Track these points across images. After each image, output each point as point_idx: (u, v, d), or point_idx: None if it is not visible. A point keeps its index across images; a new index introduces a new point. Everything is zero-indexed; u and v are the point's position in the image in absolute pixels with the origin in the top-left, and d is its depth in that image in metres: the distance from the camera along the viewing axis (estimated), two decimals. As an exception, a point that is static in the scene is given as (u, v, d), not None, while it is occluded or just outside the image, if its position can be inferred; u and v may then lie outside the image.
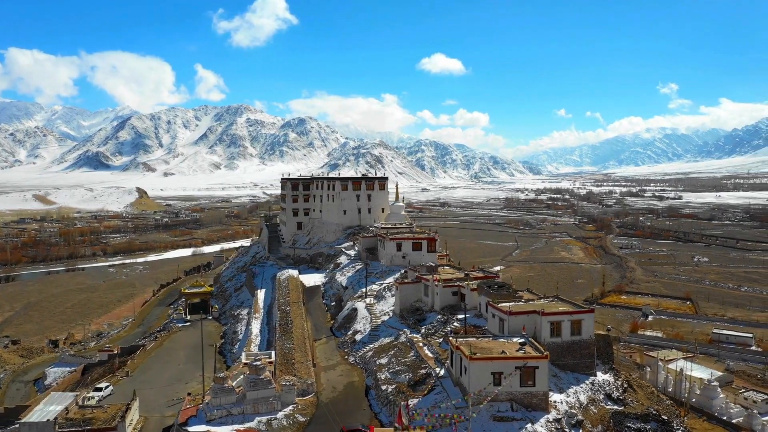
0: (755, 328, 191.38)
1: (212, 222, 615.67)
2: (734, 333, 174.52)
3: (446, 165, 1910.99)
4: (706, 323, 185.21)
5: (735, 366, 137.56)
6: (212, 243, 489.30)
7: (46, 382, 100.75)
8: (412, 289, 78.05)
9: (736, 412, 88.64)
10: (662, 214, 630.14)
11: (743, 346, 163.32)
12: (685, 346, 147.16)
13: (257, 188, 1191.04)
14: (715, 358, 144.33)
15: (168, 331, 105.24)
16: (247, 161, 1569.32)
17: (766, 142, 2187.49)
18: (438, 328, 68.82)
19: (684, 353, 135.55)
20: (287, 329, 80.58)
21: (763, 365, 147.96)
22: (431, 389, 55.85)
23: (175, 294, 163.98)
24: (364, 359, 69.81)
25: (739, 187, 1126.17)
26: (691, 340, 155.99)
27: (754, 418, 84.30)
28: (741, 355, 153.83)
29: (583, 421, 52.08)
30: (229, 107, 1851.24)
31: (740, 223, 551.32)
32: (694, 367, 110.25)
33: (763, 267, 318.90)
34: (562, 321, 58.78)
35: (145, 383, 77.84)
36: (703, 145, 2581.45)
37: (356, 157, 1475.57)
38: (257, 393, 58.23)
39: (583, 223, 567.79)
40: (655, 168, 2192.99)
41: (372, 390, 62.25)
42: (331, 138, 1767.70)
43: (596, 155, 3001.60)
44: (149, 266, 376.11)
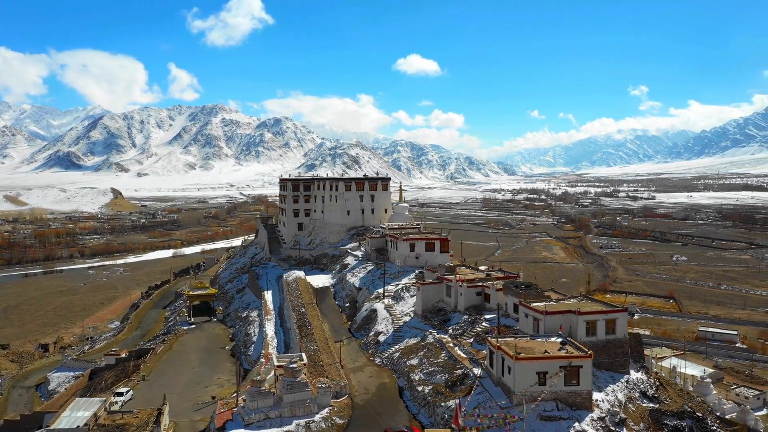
0: (738, 326, 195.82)
1: (190, 223, 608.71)
2: (720, 330, 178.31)
3: (422, 165, 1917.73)
4: (690, 321, 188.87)
5: (723, 363, 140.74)
6: (192, 244, 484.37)
7: (50, 388, 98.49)
8: (434, 290, 78.05)
9: (729, 407, 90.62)
10: (638, 214, 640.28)
11: (729, 343, 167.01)
12: (674, 344, 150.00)
13: (233, 189, 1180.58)
14: (703, 355, 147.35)
15: (175, 333, 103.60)
16: (222, 161, 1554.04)
17: (734, 143, 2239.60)
18: (466, 329, 68.89)
19: (673, 351, 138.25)
20: (307, 331, 79.93)
21: (749, 362, 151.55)
22: (471, 390, 55.85)
23: (169, 296, 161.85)
24: (392, 360, 69.58)
25: (709, 187, 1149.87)
26: (678, 338, 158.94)
27: (747, 413, 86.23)
28: (728, 352, 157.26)
29: (626, 419, 52.61)
30: (203, 107, 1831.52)
31: (714, 222, 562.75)
32: (684, 364, 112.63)
33: (739, 266, 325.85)
34: (597, 320, 59.30)
35: (163, 387, 76.49)
36: (672, 147, 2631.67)
37: (333, 157, 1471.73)
38: (294, 396, 57.61)
39: (561, 223, 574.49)
40: (627, 169, 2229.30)
41: (406, 391, 62.06)
42: (307, 138, 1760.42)
43: (569, 156, 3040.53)
44: (129, 268, 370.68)
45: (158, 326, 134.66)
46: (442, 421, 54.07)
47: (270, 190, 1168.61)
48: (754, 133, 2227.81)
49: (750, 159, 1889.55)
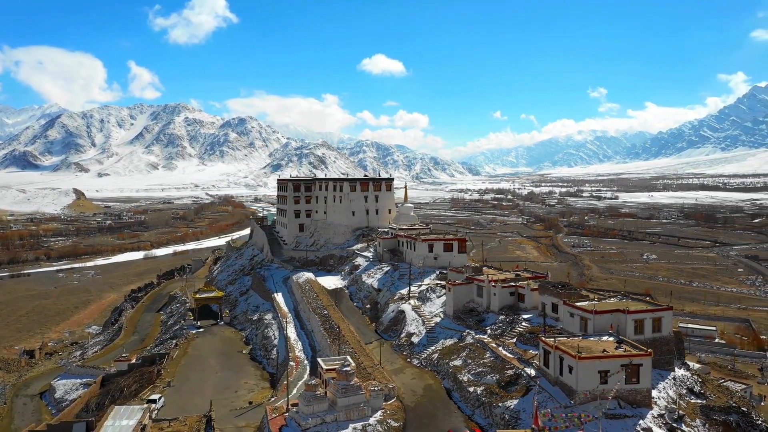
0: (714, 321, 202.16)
1: (158, 224, 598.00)
2: (699, 327, 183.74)
3: (388, 165, 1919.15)
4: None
5: (705, 358, 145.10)
6: (162, 246, 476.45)
7: (57, 396, 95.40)
8: (465, 291, 78.20)
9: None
10: (604, 213, 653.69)
11: (709, 339, 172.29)
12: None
13: (199, 189, 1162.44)
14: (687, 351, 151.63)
15: (186, 338, 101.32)
16: (186, 161, 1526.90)
17: (689, 144, 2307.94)
18: (505, 329, 69.17)
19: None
20: (336, 333, 79.16)
21: (731, 356, 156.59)
22: (527, 390, 56.15)
23: (160, 299, 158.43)
24: (431, 361, 69.45)
25: (668, 187, 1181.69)
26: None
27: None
28: (708, 348, 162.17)
29: (684, 415, 53.66)
30: (166, 106, 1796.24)
31: (677, 222, 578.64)
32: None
33: (707, 263, 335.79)
34: (645, 318, 60.31)
35: (191, 393, 74.92)
36: (631, 147, 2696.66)
37: (299, 157, 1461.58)
38: (348, 399, 56.95)
39: (530, 222, 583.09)
40: (588, 169, 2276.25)
41: (454, 392, 62.00)
42: (273, 138, 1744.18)
43: (531, 156, 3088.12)
44: (101, 270, 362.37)
45: (155, 330, 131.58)
46: (501, 421, 54.20)
47: (236, 190, 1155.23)
48: (708, 134, 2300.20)
49: (705, 160, 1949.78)
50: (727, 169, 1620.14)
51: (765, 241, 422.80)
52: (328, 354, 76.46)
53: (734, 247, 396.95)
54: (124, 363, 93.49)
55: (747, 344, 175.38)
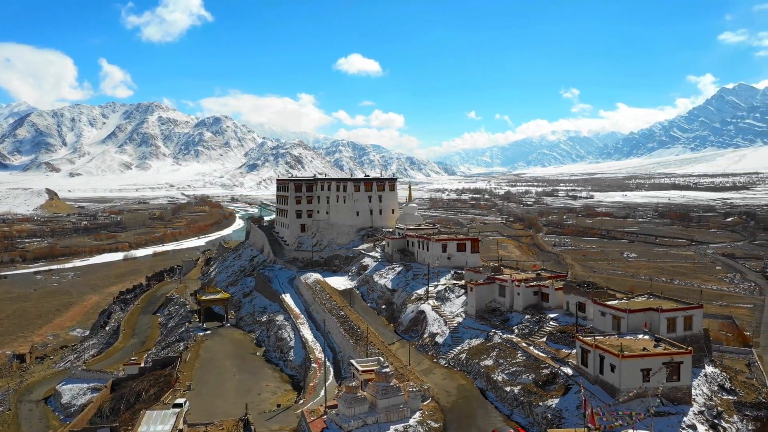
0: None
1: (135, 225, 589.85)
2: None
3: (364, 165, 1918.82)
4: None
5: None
6: (141, 247, 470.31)
7: (63, 401, 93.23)
8: (487, 290, 78.39)
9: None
10: (581, 212, 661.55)
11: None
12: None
13: (174, 189, 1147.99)
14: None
15: (195, 340, 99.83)
16: (160, 161, 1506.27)
17: (660, 145, 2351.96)
18: (532, 328, 69.52)
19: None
20: (358, 335, 78.79)
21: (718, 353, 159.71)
22: (567, 389, 56.49)
23: (155, 301, 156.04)
24: (459, 361, 69.47)
25: (641, 186, 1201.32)
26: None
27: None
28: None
29: (722, 412, 54.54)
30: (139, 105, 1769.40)
31: (652, 220, 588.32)
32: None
33: (686, 261, 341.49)
34: (677, 317, 61.18)
35: (212, 397, 73.84)
36: (603, 147, 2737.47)
37: (275, 157, 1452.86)
38: (388, 401, 56.66)
39: (510, 221, 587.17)
40: (561, 169, 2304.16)
41: (489, 392, 62.10)
42: (248, 138, 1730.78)
43: (506, 156, 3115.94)
44: (80, 272, 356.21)
45: (155, 333, 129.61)
46: (543, 420, 54.43)
47: (212, 190, 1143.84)
48: (678, 135, 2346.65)
49: (675, 159, 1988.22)
50: (697, 169, 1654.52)
51: (739, 239, 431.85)
52: (353, 355, 76.01)
53: (710, 246, 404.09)
54: (135, 367, 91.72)
55: (732, 341, 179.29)
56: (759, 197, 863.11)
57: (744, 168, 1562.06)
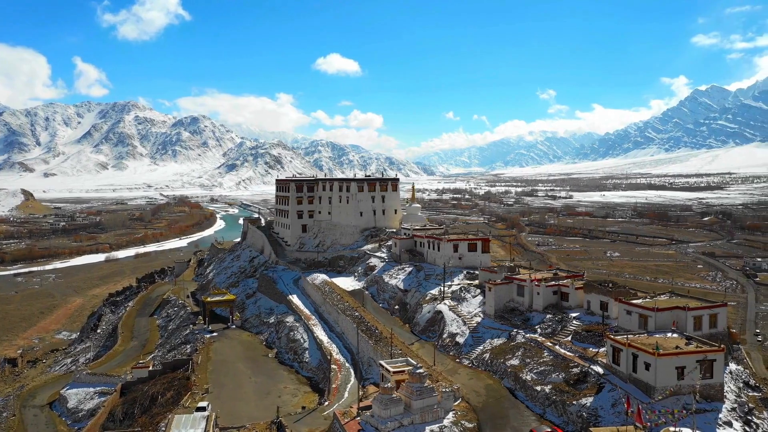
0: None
1: (115, 225, 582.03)
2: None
3: (343, 165, 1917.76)
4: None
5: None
6: (122, 248, 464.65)
7: (70, 406, 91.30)
8: (505, 290, 78.65)
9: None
10: (561, 212, 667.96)
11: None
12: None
13: (152, 189, 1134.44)
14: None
15: (203, 343, 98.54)
16: (137, 161, 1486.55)
17: (635, 145, 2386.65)
18: (555, 328, 69.90)
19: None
20: (377, 336, 78.51)
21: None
22: (600, 387, 56.89)
23: (150, 303, 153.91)
24: (483, 361, 69.60)
25: (618, 186, 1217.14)
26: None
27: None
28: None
29: (753, 408, 55.43)
30: (115, 104, 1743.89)
31: (632, 220, 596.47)
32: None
33: (668, 260, 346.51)
34: (703, 315, 62.06)
35: (233, 399, 72.97)
36: (580, 148, 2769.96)
37: (254, 157, 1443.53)
38: (423, 402, 56.50)
39: (492, 221, 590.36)
40: (539, 169, 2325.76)
41: (518, 392, 62.28)
42: (226, 138, 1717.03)
43: (484, 156, 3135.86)
44: (62, 274, 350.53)
45: (154, 335, 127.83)
46: (579, 419, 54.73)
47: (190, 190, 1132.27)
48: (653, 135, 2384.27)
49: (650, 160, 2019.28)
50: (672, 169, 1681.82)
51: (717, 238, 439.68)
52: (374, 356, 75.72)
53: (690, 245, 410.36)
54: (144, 370, 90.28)
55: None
56: (733, 197, 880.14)
57: (717, 168, 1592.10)
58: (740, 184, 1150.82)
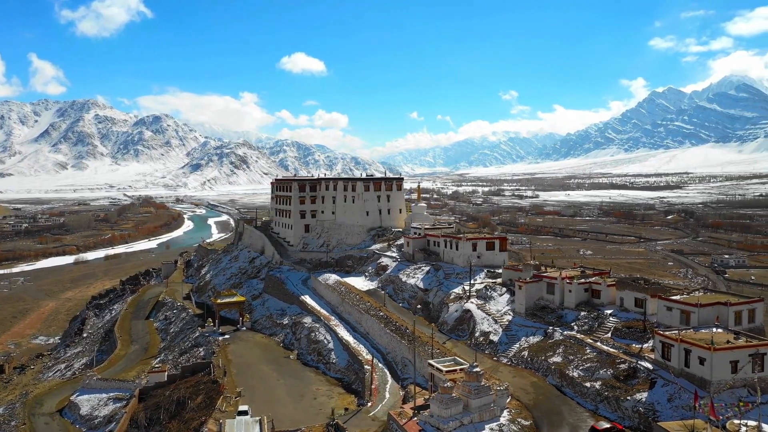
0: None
1: (80, 227, 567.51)
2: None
3: (309, 165, 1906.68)
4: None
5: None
6: (90, 249, 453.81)
7: (83, 413, 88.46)
8: (535, 288, 79.35)
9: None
10: (530, 211, 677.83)
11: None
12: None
13: (114, 190, 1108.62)
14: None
15: (218, 345, 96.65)
16: (97, 161, 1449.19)
17: (596, 146, 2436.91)
18: (592, 325, 70.81)
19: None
20: (408, 335, 78.25)
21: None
22: (651, 382, 57.83)
23: (143, 305, 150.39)
24: (522, 359, 70.03)
25: (581, 186, 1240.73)
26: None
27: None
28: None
29: (800, 400, 57.08)
30: (74, 102, 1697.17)
31: (599, 219, 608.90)
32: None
33: (639, 257, 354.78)
34: (743, 310, 63.66)
35: (269, 402, 71.81)
36: (542, 148, 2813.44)
37: (219, 157, 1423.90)
38: (481, 400, 56.53)
39: (463, 221, 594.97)
40: (503, 169, 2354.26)
41: (566, 388, 62.87)
42: (190, 137, 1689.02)
43: (448, 156, 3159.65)
44: (30, 277, 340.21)
45: (155, 339, 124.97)
46: (635, 414, 55.51)
47: (154, 191, 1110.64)
48: (612, 136, 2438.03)
49: (611, 160, 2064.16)
50: (632, 169, 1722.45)
51: (683, 236, 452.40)
52: (408, 356, 75.44)
53: (658, 242, 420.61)
54: (161, 374, 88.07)
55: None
56: (692, 196, 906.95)
57: (675, 168, 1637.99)
58: (698, 183, 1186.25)
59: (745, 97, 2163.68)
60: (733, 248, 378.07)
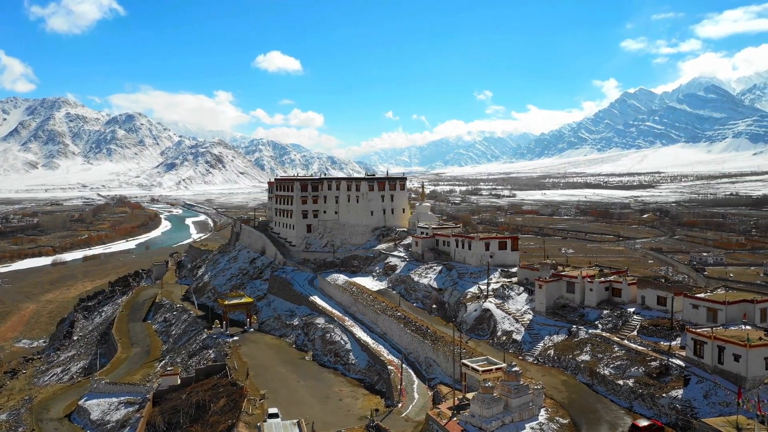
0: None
1: (55, 227, 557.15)
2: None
3: (285, 165, 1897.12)
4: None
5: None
6: (67, 250, 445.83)
7: (94, 418, 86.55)
8: (554, 287, 79.87)
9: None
10: (509, 210, 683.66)
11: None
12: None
13: (87, 189, 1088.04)
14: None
15: (229, 347, 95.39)
16: (69, 160, 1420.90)
17: (569, 145, 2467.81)
18: (615, 323, 71.50)
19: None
20: (430, 335, 78.18)
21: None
22: (686, 380, 58.58)
23: (138, 307, 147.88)
24: (549, 357, 70.44)
25: (556, 185, 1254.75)
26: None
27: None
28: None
29: (828, 395, 58.39)
30: (44, 100, 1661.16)
31: (577, 218, 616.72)
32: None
33: (619, 255, 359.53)
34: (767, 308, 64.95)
35: (294, 404, 71.10)
36: (516, 148, 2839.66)
37: (195, 156, 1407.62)
38: (520, 399, 56.71)
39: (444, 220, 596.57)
40: (479, 168, 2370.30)
41: (597, 386, 63.38)
42: (164, 136, 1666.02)
43: (424, 156, 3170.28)
44: (8, 279, 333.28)
45: (156, 341, 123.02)
46: (672, 411, 56.18)
47: (129, 190, 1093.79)
48: (585, 136, 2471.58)
49: (584, 160, 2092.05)
50: (605, 169, 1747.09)
51: (660, 235, 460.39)
52: (433, 356, 75.44)
53: (637, 241, 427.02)
54: (174, 377, 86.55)
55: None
56: (665, 195, 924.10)
57: (646, 168, 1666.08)
58: (670, 182, 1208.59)
59: (713, 98, 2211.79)
60: (710, 246, 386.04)
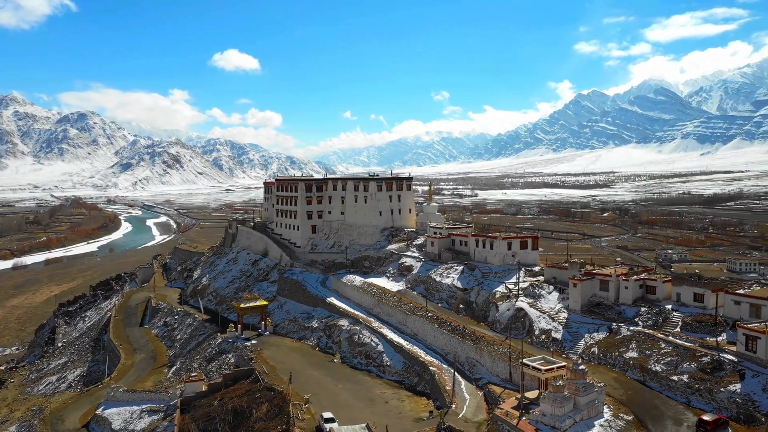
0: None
1: (10, 230, 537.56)
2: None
3: (244, 165, 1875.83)
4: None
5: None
6: (26, 254, 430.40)
7: (115, 427, 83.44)
8: (588, 285, 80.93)
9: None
10: (474, 210, 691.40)
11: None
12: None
13: (39, 190, 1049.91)
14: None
15: (251, 351, 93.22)
16: (18, 160, 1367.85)
17: (526, 146, 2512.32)
18: (656, 320, 72.86)
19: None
20: (469, 335, 78.16)
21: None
22: (742, 374, 60.14)
23: (132, 312, 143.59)
24: (594, 355, 71.26)
25: (515, 185, 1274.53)
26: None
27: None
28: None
29: None
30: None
31: (540, 216, 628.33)
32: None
33: (588, 253, 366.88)
34: (806, 302, 67.23)
35: (341, 408, 69.96)
36: (474, 148, 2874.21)
37: (151, 156, 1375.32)
38: (588, 397, 57.20)
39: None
40: (437, 168, 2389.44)
41: (650, 382, 64.44)
42: (118, 135, 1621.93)
43: (382, 156, 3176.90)
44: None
45: (159, 346, 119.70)
46: (732, 405, 57.62)
47: (83, 191, 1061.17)
48: (541, 137, 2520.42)
49: (540, 160, 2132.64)
50: (560, 168, 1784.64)
51: (623, 233, 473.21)
52: (475, 357, 75.37)
53: (602, 239, 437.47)
54: (199, 383, 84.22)
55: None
56: (621, 194, 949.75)
57: (600, 167, 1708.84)
58: (624, 182, 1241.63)
59: (662, 100, 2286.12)
60: (671, 243, 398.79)
